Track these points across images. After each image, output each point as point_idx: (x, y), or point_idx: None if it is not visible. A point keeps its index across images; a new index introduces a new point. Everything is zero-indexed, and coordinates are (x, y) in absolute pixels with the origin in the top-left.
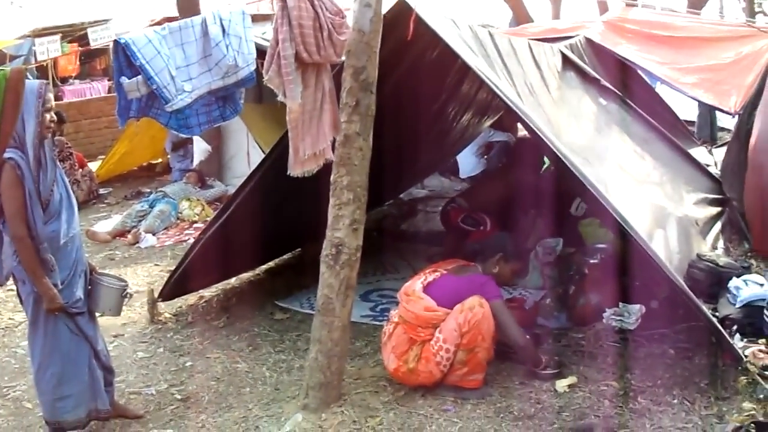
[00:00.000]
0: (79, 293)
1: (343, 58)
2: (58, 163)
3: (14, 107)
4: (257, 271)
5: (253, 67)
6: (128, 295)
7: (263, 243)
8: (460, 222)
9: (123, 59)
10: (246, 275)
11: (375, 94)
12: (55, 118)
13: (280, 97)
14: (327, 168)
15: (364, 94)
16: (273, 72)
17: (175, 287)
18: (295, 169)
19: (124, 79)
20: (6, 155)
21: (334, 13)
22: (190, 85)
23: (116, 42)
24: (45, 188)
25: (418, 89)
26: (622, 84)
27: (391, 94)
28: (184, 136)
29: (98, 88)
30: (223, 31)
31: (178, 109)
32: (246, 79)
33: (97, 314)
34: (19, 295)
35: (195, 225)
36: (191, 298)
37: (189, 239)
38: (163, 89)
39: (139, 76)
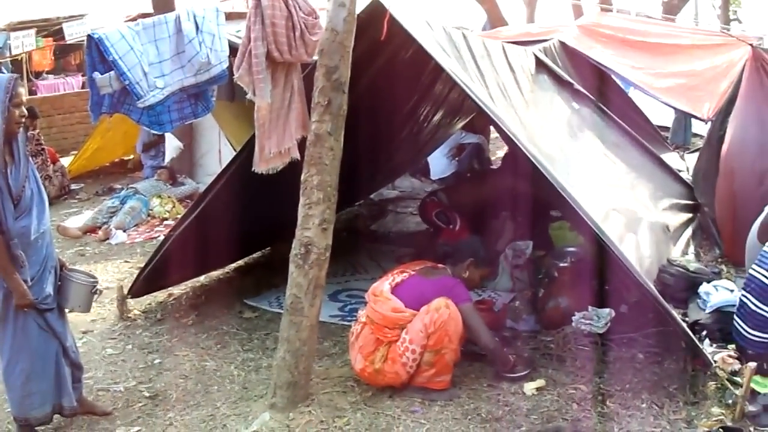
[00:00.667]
0: (49, 289)
1: (316, 57)
2: (30, 159)
3: None
4: (227, 269)
5: (225, 65)
6: (98, 292)
7: (233, 241)
8: (434, 216)
9: (96, 54)
10: (215, 273)
11: (347, 93)
12: (25, 113)
13: (249, 96)
14: (298, 167)
15: (336, 93)
16: (243, 70)
17: (144, 284)
18: (260, 167)
19: (97, 75)
20: None
21: (308, 13)
22: (163, 82)
23: (89, 37)
24: (17, 184)
25: (390, 89)
26: (596, 88)
27: (364, 93)
28: (155, 135)
29: (72, 83)
30: (197, 28)
31: (150, 106)
32: (218, 76)
33: (66, 310)
34: None
35: (166, 222)
36: (160, 296)
37: (159, 236)
38: (135, 85)
39: (112, 72)
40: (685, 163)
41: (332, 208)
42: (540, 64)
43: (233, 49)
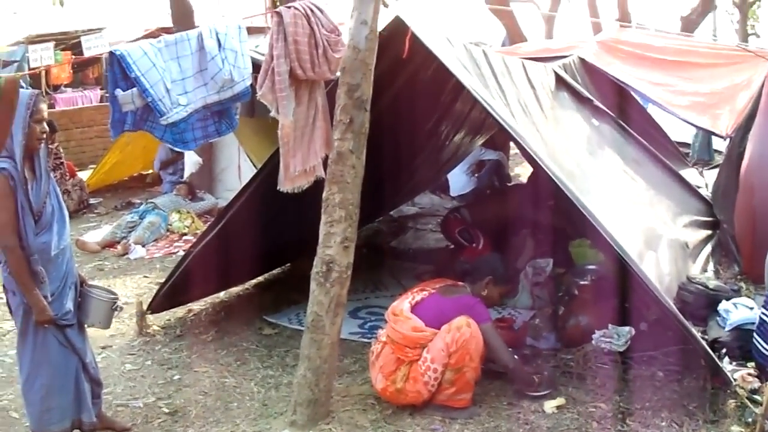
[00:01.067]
0: (69, 305)
1: (338, 74)
2: (51, 174)
3: (7, 117)
4: (246, 285)
5: (248, 82)
6: (118, 308)
7: (253, 257)
8: (457, 233)
9: (118, 71)
10: (235, 289)
11: (369, 111)
12: (46, 129)
13: (272, 113)
14: (319, 184)
15: (358, 111)
16: (266, 88)
17: (164, 300)
18: (285, 185)
19: (119, 92)
20: (0, 165)
21: (330, 30)
22: (186, 99)
23: (111, 53)
24: (37, 200)
25: (412, 107)
26: (616, 104)
27: (385, 111)
28: (173, 153)
29: (90, 96)
30: (219, 45)
31: (173, 123)
32: (242, 93)
33: (86, 326)
34: (8, 305)
35: (185, 237)
36: (180, 311)
37: (178, 251)
38: (158, 102)
39: (134, 89)
40: (704, 180)
41: (354, 226)
42: (560, 81)
43: (255, 65)
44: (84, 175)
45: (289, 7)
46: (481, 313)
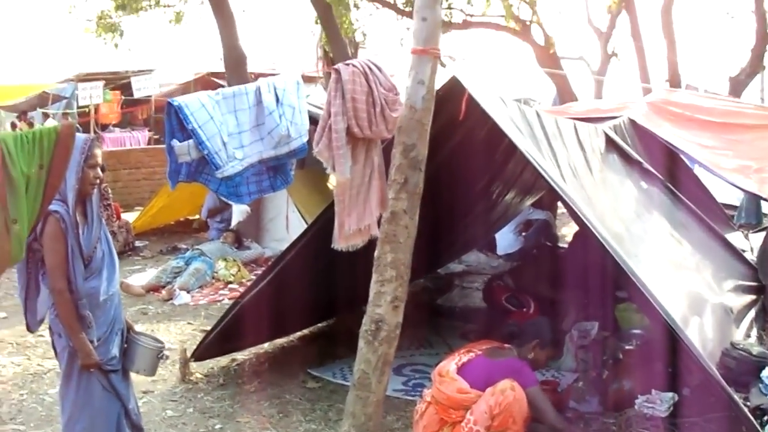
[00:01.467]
0: (115, 351)
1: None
2: (103, 220)
3: (63, 161)
4: (291, 337)
5: (305, 138)
6: (164, 357)
7: (300, 310)
8: (504, 300)
9: (175, 122)
10: (280, 341)
11: (423, 171)
12: (100, 174)
13: (328, 171)
14: (370, 241)
15: (413, 171)
16: (323, 145)
17: (209, 348)
18: (339, 243)
19: (176, 142)
20: (51, 207)
21: (388, 89)
22: (242, 153)
23: (169, 104)
24: (88, 244)
25: (464, 166)
26: (664, 166)
27: (438, 169)
28: (221, 202)
29: (138, 137)
30: (278, 100)
31: (228, 177)
32: (298, 150)
33: (131, 372)
34: (53, 346)
35: (230, 285)
36: (224, 360)
37: (223, 299)
38: (214, 155)
39: (191, 140)
40: (749, 243)
41: (404, 285)
42: (610, 143)
43: (312, 119)
44: (130, 217)
45: (348, 65)
46: (528, 376)
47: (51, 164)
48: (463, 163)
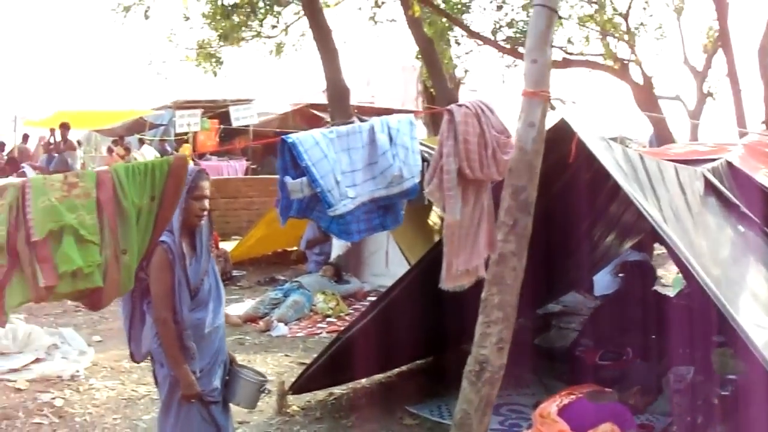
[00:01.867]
0: (217, 383)
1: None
2: (211, 254)
3: (174, 193)
4: (389, 373)
5: (417, 179)
6: (265, 391)
7: (400, 347)
8: (599, 360)
9: (288, 158)
10: (377, 376)
11: (533, 214)
12: (206, 206)
13: (438, 212)
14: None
15: (522, 214)
16: (434, 185)
17: (307, 381)
18: (447, 284)
19: (288, 179)
20: (161, 238)
21: (500, 131)
22: (354, 192)
23: (283, 140)
24: (196, 276)
25: (569, 208)
26: (761, 210)
27: (543, 211)
28: (320, 233)
29: (236, 166)
30: (391, 140)
31: (339, 215)
32: (410, 190)
33: (231, 404)
34: (155, 375)
35: (328, 319)
36: (321, 394)
37: (321, 333)
38: (327, 193)
39: (304, 178)
40: None
41: (510, 328)
42: (709, 186)
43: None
44: (228, 246)
45: (461, 106)
46: (629, 422)
47: (162, 196)
48: (568, 204)
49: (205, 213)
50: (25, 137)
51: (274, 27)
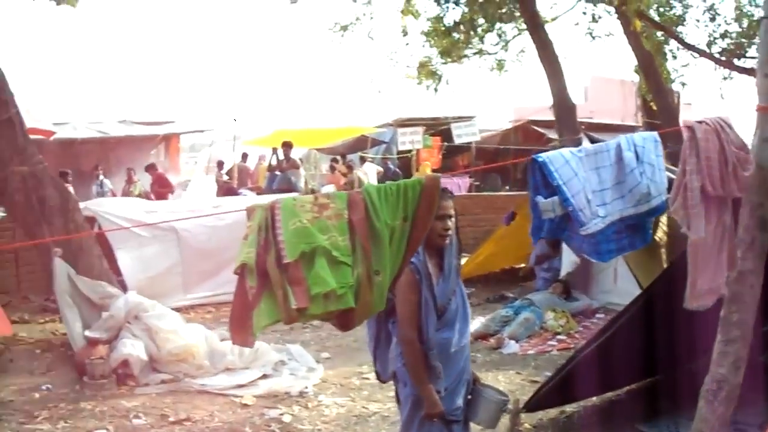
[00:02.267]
0: (460, 401)
1: None
2: (459, 275)
3: (428, 214)
4: (618, 391)
5: (664, 197)
6: (507, 410)
7: (631, 366)
8: None
9: (539, 177)
10: (608, 394)
11: None
12: (449, 225)
13: (683, 230)
14: None
15: (761, 231)
16: (678, 204)
17: (541, 399)
18: (691, 303)
19: (540, 199)
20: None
21: (739, 147)
22: (604, 211)
23: (533, 160)
24: (443, 296)
25: None
26: None
27: None
28: (550, 249)
29: (459, 184)
30: (637, 157)
31: (590, 234)
32: (658, 208)
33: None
34: (397, 394)
35: (558, 336)
36: (552, 412)
37: (552, 350)
38: (579, 212)
39: (556, 197)
40: None
41: (746, 346)
42: None
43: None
44: None
45: (701, 122)
46: None
47: (415, 216)
48: None
49: (449, 232)
50: (244, 156)
51: (495, 45)
